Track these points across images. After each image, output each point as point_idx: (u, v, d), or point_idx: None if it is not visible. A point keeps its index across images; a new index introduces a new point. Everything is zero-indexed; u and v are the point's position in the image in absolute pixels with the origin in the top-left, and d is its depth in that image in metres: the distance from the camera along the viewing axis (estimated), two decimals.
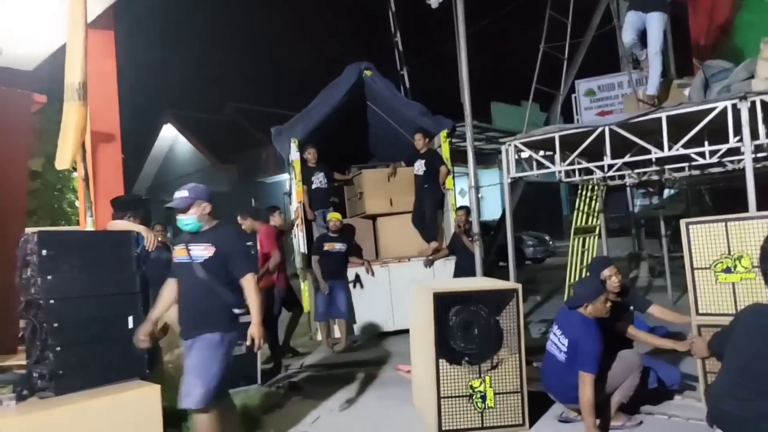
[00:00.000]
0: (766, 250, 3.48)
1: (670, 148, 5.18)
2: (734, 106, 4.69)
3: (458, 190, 9.51)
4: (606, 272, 4.20)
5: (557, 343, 3.93)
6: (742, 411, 2.90)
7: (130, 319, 3.88)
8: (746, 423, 2.88)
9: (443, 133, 7.98)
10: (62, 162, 5.03)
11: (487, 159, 16.76)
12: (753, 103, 4.60)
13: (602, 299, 3.82)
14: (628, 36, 6.12)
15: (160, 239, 7.52)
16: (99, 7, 6.02)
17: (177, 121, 24.82)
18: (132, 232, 4.07)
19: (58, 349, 3.32)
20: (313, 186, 7.80)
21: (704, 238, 3.87)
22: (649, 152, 5.36)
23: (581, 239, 7.62)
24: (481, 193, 21.04)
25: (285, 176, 11.74)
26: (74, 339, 3.43)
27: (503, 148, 6.42)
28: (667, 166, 6.47)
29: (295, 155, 7.79)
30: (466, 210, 7.28)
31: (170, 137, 25.71)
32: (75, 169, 6.24)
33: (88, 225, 5.33)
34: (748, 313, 3.10)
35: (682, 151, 5.16)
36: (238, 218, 6.68)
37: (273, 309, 6.21)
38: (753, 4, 7.77)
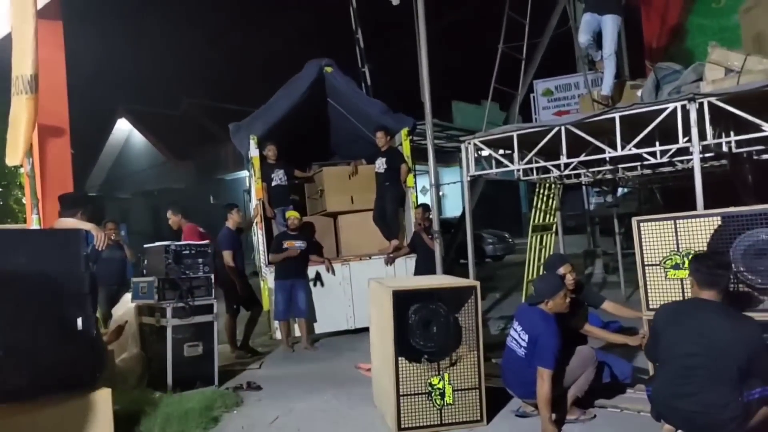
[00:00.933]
0: (713, 247, 3.62)
1: (623, 148, 5.31)
2: (683, 107, 4.84)
3: (419, 188, 9.56)
4: (561, 270, 4.28)
5: (517, 338, 3.99)
6: (691, 405, 3.03)
7: (80, 320, 3.72)
8: (697, 416, 3.01)
9: (404, 131, 7.99)
10: (13, 158, 4.83)
11: (448, 157, 16.92)
12: (701, 104, 4.76)
13: (562, 295, 3.92)
14: (583, 37, 6.26)
15: (112, 238, 7.34)
16: None
17: (131, 116, 24.15)
18: (81, 230, 3.91)
19: (0, 353, 3.16)
20: (273, 183, 7.69)
21: (655, 236, 3.98)
22: (603, 151, 5.49)
23: (539, 237, 7.76)
24: (443, 191, 21.33)
25: (245, 173, 11.56)
26: (18, 343, 3.27)
27: (463, 146, 6.47)
28: (620, 166, 6.65)
29: (254, 152, 7.66)
30: (425, 207, 7.32)
31: (124, 132, 25.01)
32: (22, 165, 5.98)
33: (33, 223, 5.12)
34: (666, 315, 3.30)
35: (635, 151, 5.31)
36: (168, 212, 6.61)
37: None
38: (702, 8, 8.07)
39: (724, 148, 5.27)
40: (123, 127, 24.76)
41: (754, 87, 4.55)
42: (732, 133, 5.22)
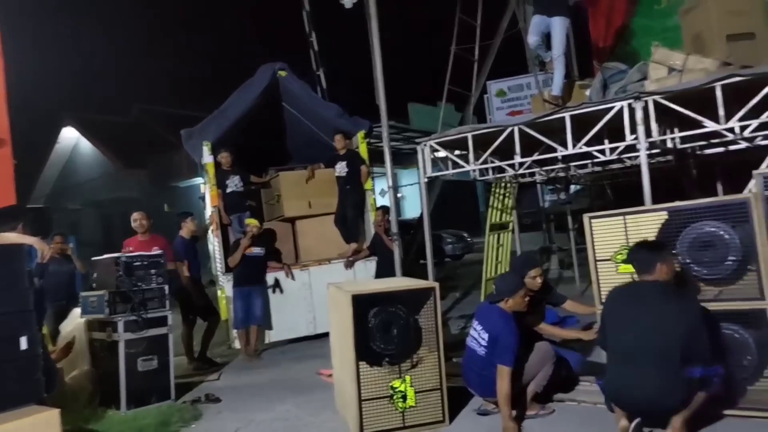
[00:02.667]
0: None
1: (574, 146, 5.43)
2: (629, 105, 4.99)
3: (378, 191, 9.55)
4: (532, 273, 4.37)
5: (477, 338, 4.02)
6: (639, 390, 3.15)
7: (24, 339, 3.56)
8: (645, 400, 3.12)
9: (361, 134, 7.98)
10: None
11: (406, 159, 16.97)
12: (646, 103, 4.91)
13: (521, 294, 3.98)
14: (532, 38, 6.38)
15: (59, 250, 7.05)
16: None
17: (79, 123, 23.28)
18: (23, 244, 3.73)
19: None
20: (228, 190, 7.54)
21: (605, 232, 4.09)
22: (555, 150, 5.59)
23: (496, 235, 7.86)
24: (402, 193, 21.41)
25: (199, 180, 11.31)
26: None
27: (419, 148, 6.50)
28: (572, 164, 6.81)
29: (208, 159, 7.50)
30: (385, 210, 7.32)
31: (72, 140, 24.09)
32: None
33: None
34: (612, 302, 3.47)
35: (585, 149, 5.43)
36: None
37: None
38: (646, 10, 8.33)
39: (670, 145, 5.45)
40: (70, 135, 23.84)
41: (695, 85, 4.72)
42: (677, 130, 5.40)
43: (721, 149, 5.73)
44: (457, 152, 6.71)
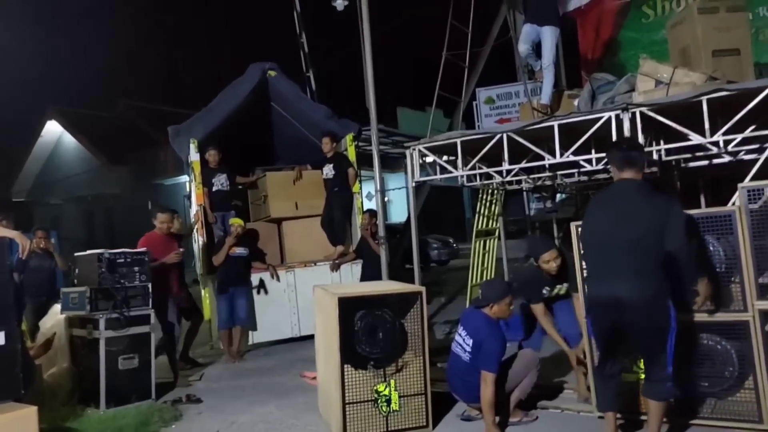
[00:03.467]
0: None
1: (561, 155, 5.47)
2: (617, 116, 5.04)
3: (365, 194, 9.54)
4: (545, 256, 4.32)
5: (462, 344, 4.03)
6: (625, 277, 3.19)
7: (2, 334, 3.48)
8: (633, 286, 3.17)
9: (349, 137, 7.96)
10: None
11: (394, 163, 17.00)
12: (633, 114, 4.96)
13: (507, 301, 3.98)
14: (522, 46, 6.44)
15: (42, 246, 6.95)
16: None
17: (63, 118, 22.97)
18: (4, 238, 3.66)
19: None
20: (214, 188, 7.48)
21: None
22: (543, 158, 5.63)
23: (482, 241, 7.90)
24: (389, 197, 21.42)
25: (185, 178, 11.20)
26: None
27: (407, 152, 6.50)
28: (559, 172, 6.85)
29: (194, 156, 7.44)
30: (372, 213, 7.31)
31: (55, 134, 23.75)
32: None
33: None
34: (586, 221, 3.53)
35: (572, 158, 5.47)
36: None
37: (167, 316, 5.87)
38: (633, 23, 8.45)
39: (655, 156, 5.51)
40: (53, 129, 23.51)
41: (682, 98, 4.79)
42: (662, 142, 5.47)
43: (705, 162, 5.82)
44: (445, 158, 6.73)
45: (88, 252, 5.29)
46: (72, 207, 23.25)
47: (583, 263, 3.87)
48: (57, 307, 5.53)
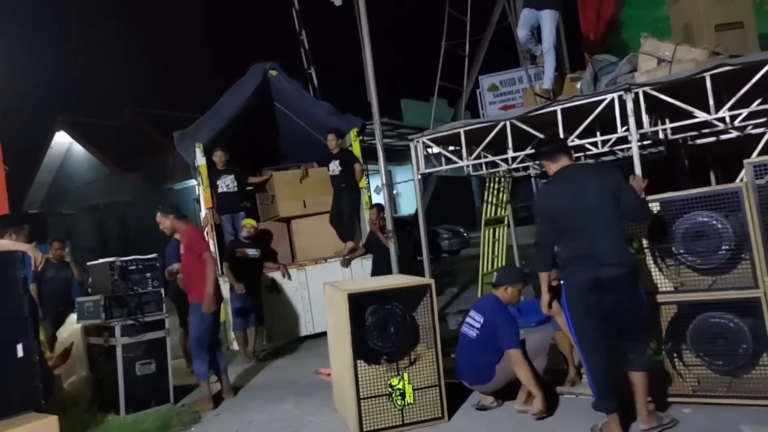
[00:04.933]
0: (653, 231, 3.79)
1: (565, 139, 5.44)
2: (620, 97, 5.00)
3: (372, 188, 9.54)
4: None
5: (471, 322, 4.13)
6: (601, 250, 3.31)
7: (20, 346, 3.54)
8: (610, 254, 3.31)
9: (353, 132, 7.96)
10: None
11: (401, 155, 16.94)
12: (636, 94, 4.92)
13: (519, 287, 4.12)
14: (521, 32, 6.38)
15: (58, 256, 7.03)
16: None
17: (71, 128, 23.15)
18: (16, 252, 3.71)
19: None
20: (219, 190, 7.51)
21: None
22: (535, 145, 5.59)
23: (492, 229, 7.88)
24: (397, 189, 21.39)
25: (193, 182, 11.27)
26: None
27: (411, 144, 6.50)
28: None
29: (201, 160, 7.49)
30: (380, 207, 7.31)
31: (64, 145, 23.95)
32: None
33: None
34: (543, 207, 3.64)
35: (577, 142, 5.44)
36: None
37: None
38: (635, 1, 8.34)
39: (661, 136, 5.46)
40: (62, 140, 23.72)
41: (685, 76, 4.73)
42: (668, 121, 5.41)
43: (712, 139, 5.75)
44: (450, 148, 6.71)
45: (101, 260, 5.35)
46: (85, 216, 23.49)
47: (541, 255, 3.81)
48: (73, 316, 5.61)
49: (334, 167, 7.81)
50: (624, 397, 3.46)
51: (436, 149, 6.61)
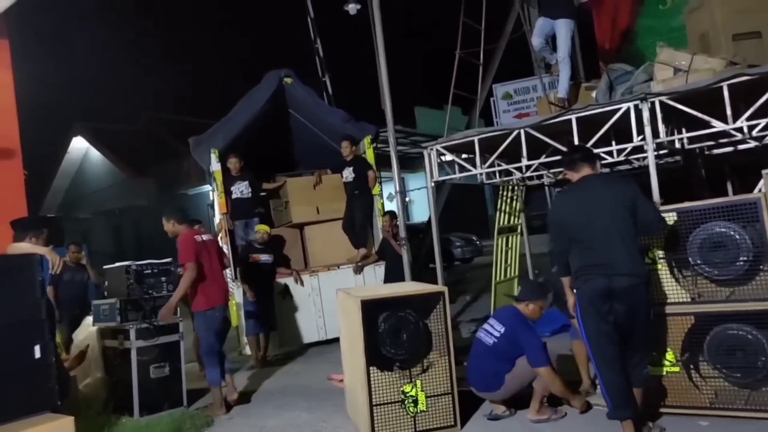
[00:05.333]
0: (670, 242, 3.76)
1: (591, 149, 5.41)
2: (636, 106, 4.97)
3: (386, 195, 9.56)
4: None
5: (489, 330, 4.12)
6: (617, 259, 3.33)
7: (37, 348, 3.60)
8: (625, 265, 3.32)
9: (367, 139, 8.00)
10: None
11: (414, 163, 16.97)
12: (653, 103, 4.89)
13: (540, 304, 4.13)
14: (536, 40, 6.39)
15: (75, 260, 7.12)
16: None
17: (88, 133, 23.47)
18: (35, 255, 3.77)
19: None
20: (233, 196, 7.57)
21: None
22: (562, 152, 5.57)
23: (505, 238, 7.84)
24: (409, 197, 21.40)
25: (208, 188, 11.39)
26: None
27: (425, 152, 6.51)
28: None
29: (216, 166, 7.55)
30: (392, 214, 7.33)
31: (81, 150, 24.29)
32: None
33: None
34: (562, 206, 3.73)
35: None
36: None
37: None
38: (650, 10, 8.31)
39: (677, 145, 5.42)
40: (79, 146, 24.05)
41: (702, 85, 4.70)
42: (684, 130, 5.37)
43: (729, 149, 5.70)
44: (464, 156, 6.71)
45: (117, 264, 5.41)
46: (101, 220, 23.76)
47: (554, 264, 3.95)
48: (89, 319, 5.67)
49: (348, 174, 7.85)
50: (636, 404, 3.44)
51: (449, 157, 6.61)
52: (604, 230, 3.36)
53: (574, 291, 3.57)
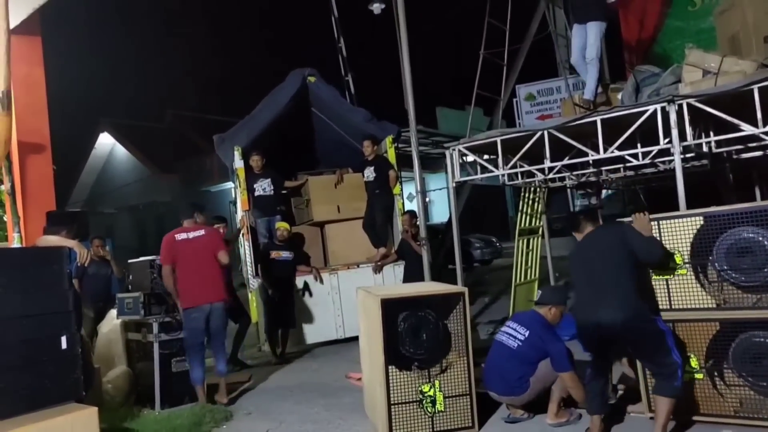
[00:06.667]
0: (696, 246, 3.70)
1: (605, 150, 5.36)
2: (663, 109, 4.90)
3: (406, 195, 9.56)
4: None
5: (513, 333, 4.10)
6: (610, 304, 3.46)
7: (64, 339, 3.66)
8: (617, 310, 3.44)
9: (389, 139, 8.00)
10: None
11: (435, 163, 16.96)
12: (680, 106, 4.82)
13: (562, 309, 4.15)
14: (575, 56, 6.16)
15: (99, 254, 7.26)
16: (24, 12, 5.74)
17: (114, 130, 23.90)
18: (64, 247, 3.85)
19: None
20: (256, 193, 7.64)
21: None
22: (586, 154, 5.53)
23: (526, 240, 7.79)
24: (430, 197, 21.36)
25: (230, 184, 11.51)
26: (3, 363, 3.21)
27: (447, 153, 6.50)
28: (603, 168, 6.70)
29: (239, 163, 7.63)
30: (411, 214, 7.32)
31: (107, 146, 24.74)
32: (2, 182, 5.90)
33: (14, 241, 5.05)
34: (573, 257, 3.88)
35: (617, 153, 5.35)
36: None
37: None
38: (679, 12, 8.20)
39: (705, 149, 5.33)
40: (106, 141, 24.49)
41: (731, 88, 4.62)
42: (711, 134, 5.28)
43: (758, 153, 5.58)
44: (485, 157, 6.69)
45: (141, 259, 5.50)
46: (125, 216, 24.16)
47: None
48: (113, 312, 5.77)
49: (369, 173, 7.86)
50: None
51: (471, 158, 6.59)
52: (598, 270, 3.60)
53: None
